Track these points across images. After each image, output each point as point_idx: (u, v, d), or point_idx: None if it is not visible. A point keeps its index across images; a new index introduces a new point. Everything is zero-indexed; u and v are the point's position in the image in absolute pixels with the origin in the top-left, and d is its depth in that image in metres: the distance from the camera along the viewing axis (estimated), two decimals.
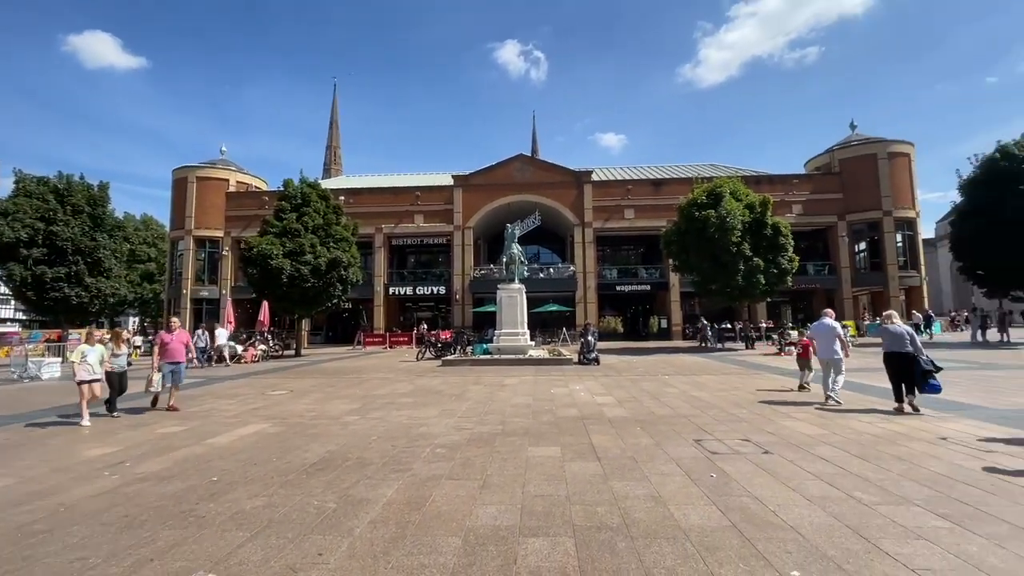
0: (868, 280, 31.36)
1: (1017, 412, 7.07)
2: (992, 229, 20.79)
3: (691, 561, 2.96)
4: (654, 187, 32.83)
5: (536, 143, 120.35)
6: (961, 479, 4.32)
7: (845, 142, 33.10)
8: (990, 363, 13.70)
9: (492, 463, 5.10)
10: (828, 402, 8.04)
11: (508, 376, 13.05)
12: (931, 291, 39.76)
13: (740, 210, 20.77)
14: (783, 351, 18.87)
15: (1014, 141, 21.40)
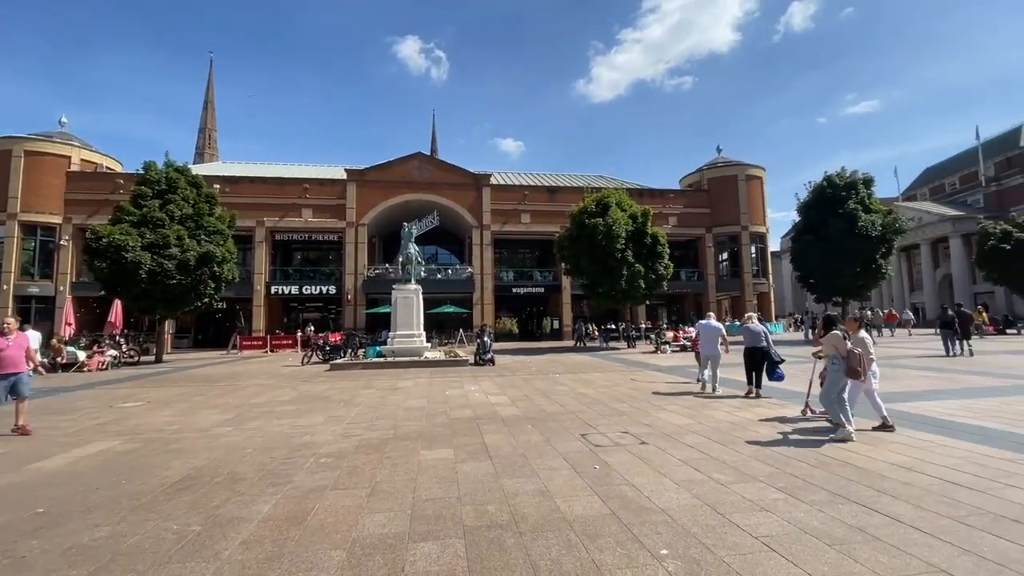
0: (729, 286, 35.61)
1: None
2: (819, 245, 24.81)
3: (575, 550, 3.12)
4: (549, 194, 34.19)
5: (435, 143, 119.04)
6: (794, 457, 5.09)
7: (712, 163, 37.32)
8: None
9: (382, 469, 4.93)
10: (705, 390, 9.29)
11: (402, 379, 12.72)
12: (776, 296, 46.37)
13: (625, 220, 22.43)
14: (659, 349, 20.71)
15: (836, 173, 25.75)
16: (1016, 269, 30.09)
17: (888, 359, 15.30)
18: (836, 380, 6.01)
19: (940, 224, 44.50)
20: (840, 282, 25.06)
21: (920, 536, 3.22)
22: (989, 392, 8.72)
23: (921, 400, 8.07)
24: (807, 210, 26.40)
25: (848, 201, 24.43)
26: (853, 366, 5.85)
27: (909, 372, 11.97)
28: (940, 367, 12.72)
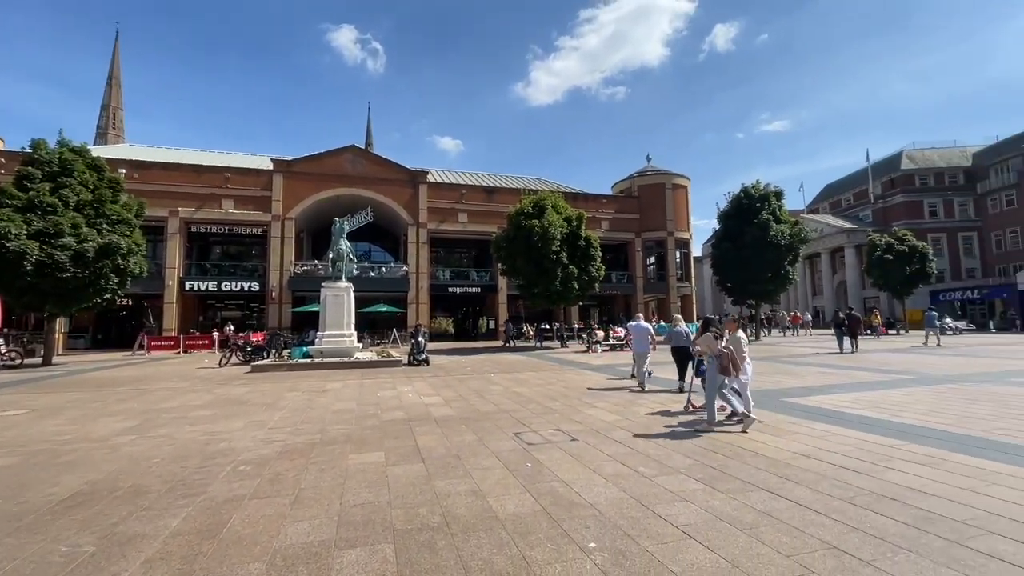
0: (656, 288, 37.46)
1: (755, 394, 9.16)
2: (737, 252, 26.74)
3: (506, 548, 3.15)
4: (487, 194, 34.25)
5: (371, 136, 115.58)
6: (712, 449, 5.44)
7: (642, 171, 39.10)
8: None
9: (307, 475, 4.71)
10: (644, 389, 9.77)
11: (331, 381, 12.22)
12: (698, 299, 49.39)
13: (560, 222, 22.95)
14: (591, 349, 21.38)
15: (751, 185, 27.86)
16: (896, 277, 34.10)
17: (792, 357, 16.77)
18: (713, 377, 6.54)
19: (837, 235, 49.44)
20: (754, 286, 27.13)
21: (816, 517, 3.56)
22: (872, 386, 9.80)
23: (819, 394, 8.92)
24: (726, 219, 28.33)
25: (762, 212, 26.50)
26: (724, 364, 6.37)
27: (809, 369, 13.19)
28: (834, 364, 14.12)
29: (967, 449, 5.21)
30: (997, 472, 4.46)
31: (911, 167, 48.78)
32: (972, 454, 5.02)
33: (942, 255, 45.33)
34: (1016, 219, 43.01)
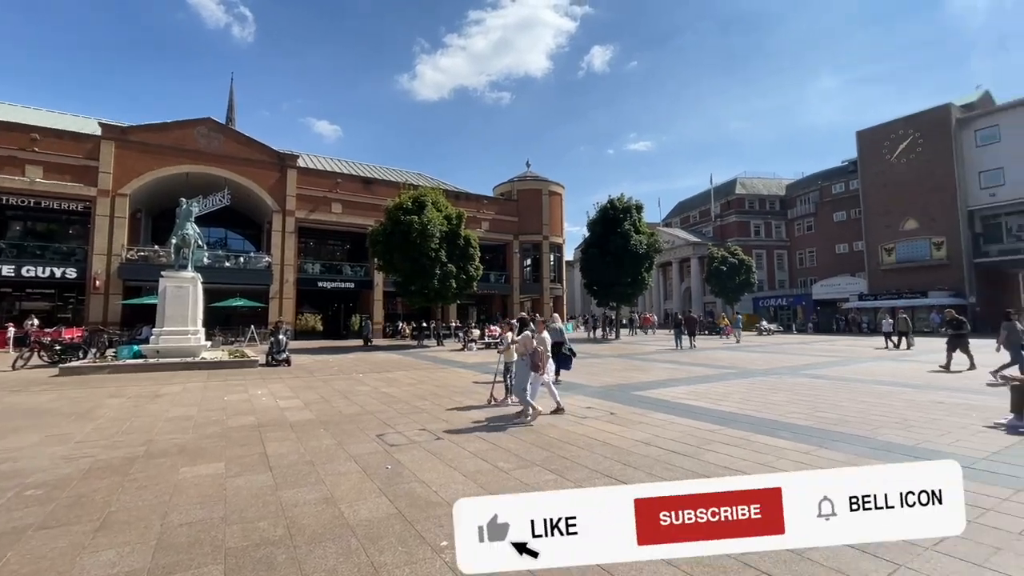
0: (531, 289, 39.08)
1: (604, 389, 9.99)
2: (602, 258, 29.01)
3: (354, 555, 3.03)
4: (365, 185, 32.73)
5: (233, 111, 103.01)
6: (568, 441, 5.82)
7: (522, 176, 40.55)
8: (596, 353, 19.01)
9: (122, 495, 4.05)
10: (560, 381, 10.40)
11: (168, 384, 10.68)
12: (568, 300, 52.72)
13: (440, 220, 22.80)
14: (466, 347, 21.58)
15: (617, 197, 30.44)
16: (728, 285, 39.86)
17: (643, 354, 18.67)
18: (524, 373, 6.95)
19: (685, 247, 56.28)
20: (616, 290, 29.67)
21: None
22: (704, 379, 11.33)
23: (662, 387, 10.04)
24: (594, 227, 30.58)
25: (624, 222, 29.10)
26: (536, 361, 6.84)
27: (656, 365, 14.80)
28: (677, 360, 16.04)
29: (767, 431, 6.25)
30: (786, 448, 5.42)
31: (743, 192, 57.37)
32: (770, 435, 6.04)
33: (762, 268, 54.00)
34: (813, 242, 52.92)
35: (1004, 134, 35.43)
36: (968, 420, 6.71)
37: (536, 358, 6.83)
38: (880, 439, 5.80)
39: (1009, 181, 34.92)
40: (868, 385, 10.22)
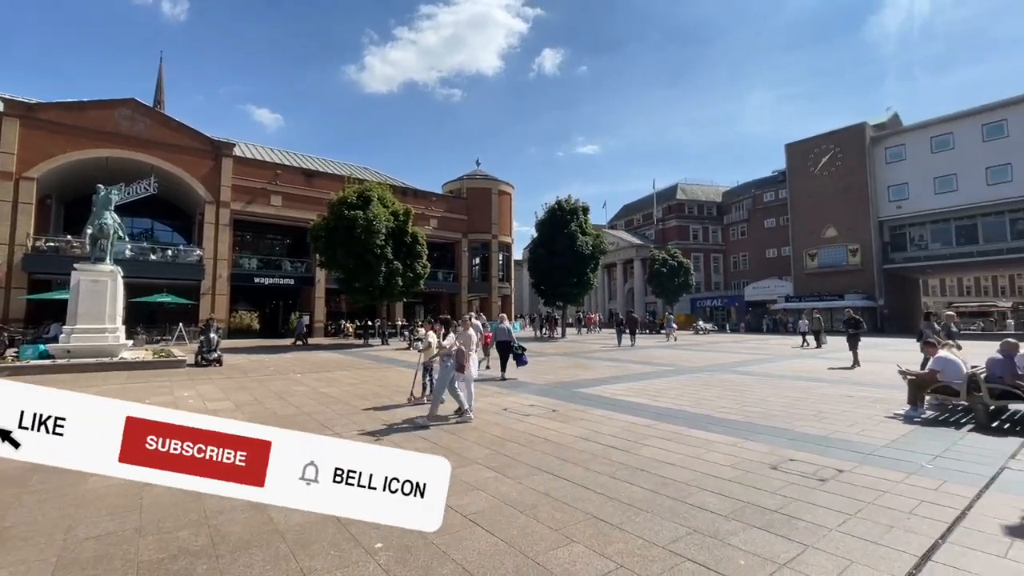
0: (479, 288, 39.05)
1: (548, 387, 10.15)
2: (550, 258, 29.47)
3: (283, 562, 2.92)
4: (306, 177, 31.47)
5: (161, 93, 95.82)
6: (510, 439, 5.86)
7: (472, 174, 40.41)
8: (541, 351, 19.28)
9: (18, 509, 3.69)
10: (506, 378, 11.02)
11: (79, 387, 9.79)
12: (516, 299, 53.15)
13: (386, 216, 22.30)
14: (412, 346, 21.25)
15: (564, 199, 31.01)
16: (668, 286, 41.59)
17: (587, 352, 19.13)
18: (447, 373, 6.76)
19: (629, 249, 58.15)
20: (563, 289, 30.22)
21: (585, 492, 4.10)
22: (644, 376, 11.76)
23: (604, 384, 10.34)
24: (542, 227, 31.00)
25: (571, 224, 29.69)
26: (460, 361, 6.75)
27: (599, 363, 15.21)
28: (619, 358, 16.56)
29: (700, 425, 6.58)
30: (715, 441, 5.73)
31: (683, 198, 60.01)
32: (702, 429, 6.36)
33: (700, 270, 56.72)
34: (745, 246, 56.22)
35: (908, 153, 39.17)
36: (872, 411, 7.37)
37: (460, 358, 6.74)
38: (798, 430, 6.25)
39: (912, 195, 38.64)
40: (789, 381, 10.99)
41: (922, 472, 4.59)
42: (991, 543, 3.18)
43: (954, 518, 3.56)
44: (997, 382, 6.45)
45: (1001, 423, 6.48)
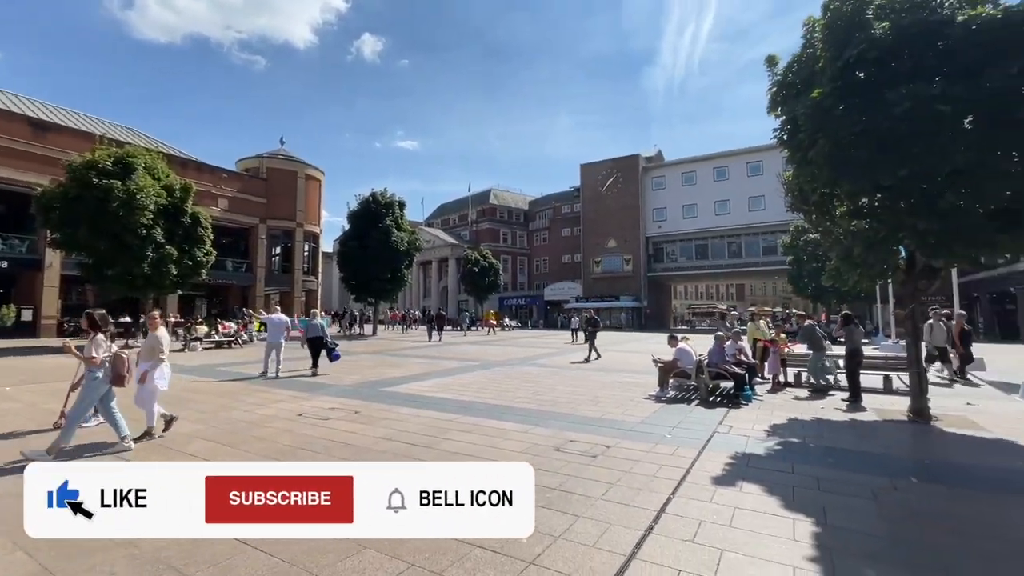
0: (279, 281, 35.16)
1: (352, 387, 9.68)
2: (362, 252, 28.22)
3: None
4: (35, 129, 24.06)
5: None
6: (302, 447, 5.39)
7: (274, 153, 36.14)
8: (348, 350, 18.31)
9: None
10: (279, 376, 10.49)
11: None
12: (324, 294, 49.48)
13: (156, 190, 18.41)
14: (188, 347, 18.07)
15: (380, 192, 30.04)
16: (480, 285, 43.74)
17: (398, 350, 18.89)
18: (91, 391, 5.03)
19: (445, 248, 59.34)
20: (375, 285, 29.23)
21: None
22: (452, 372, 12.11)
23: (413, 382, 10.31)
24: (355, 219, 29.50)
25: (387, 218, 28.92)
26: (118, 371, 5.13)
27: (410, 360, 15.14)
28: (431, 355, 16.75)
29: (497, 416, 7.03)
30: (510, 430, 6.19)
31: (495, 203, 63.75)
32: (499, 419, 6.81)
33: (508, 271, 61.00)
34: (546, 251, 62.52)
35: (668, 183, 48.61)
36: (634, 394, 8.90)
37: (117, 367, 5.11)
38: (579, 415, 7.17)
39: (669, 218, 48.05)
40: (573, 371, 12.57)
41: (664, 441, 5.71)
42: (703, 492, 4.12)
43: (681, 476, 4.50)
44: (713, 367, 8.40)
45: (716, 398, 8.47)
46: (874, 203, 6.67)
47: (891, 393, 8.78)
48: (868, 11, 6.17)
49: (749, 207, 43.69)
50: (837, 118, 6.11)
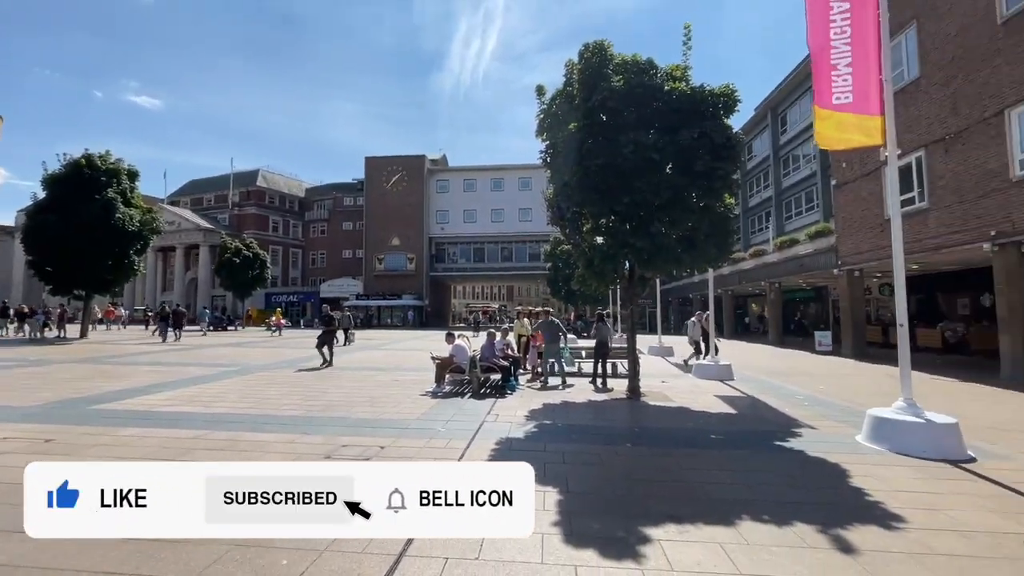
0: None
1: (44, 408, 7.31)
2: (67, 229, 21.47)
3: None
4: None
5: None
6: None
7: None
8: (43, 358, 13.76)
9: None
10: None
11: None
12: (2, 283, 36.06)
13: None
14: None
15: (101, 154, 23.31)
16: (241, 279, 38.15)
17: (120, 356, 15.10)
18: None
19: (195, 232, 49.84)
20: (87, 274, 22.60)
21: None
22: (197, 380, 10.21)
23: (141, 395, 8.32)
24: (56, 186, 22.30)
25: (109, 189, 22.65)
26: None
27: (139, 368, 12.23)
28: (168, 361, 13.81)
29: (257, 427, 6.22)
30: (271, 442, 5.54)
31: (264, 185, 56.49)
32: (259, 431, 6.04)
33: (278, 264, 54.81)
34: (324, 245, 58.34)
35: (451, 187, 50.77)
36: (412, 392, 8.98)
37: None
38: (355, 417, 6.87)
39: (451, 221, 50.23)
40: (350, 372, 12.04)
41: (438, 435, 5.91)
42: None
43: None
44: (485, 361, 9.10)
45: (486, 390, 9.17)
46: (610, 224, 8.21)
47: (618, 377, 10.93)
48: (609, 67, 7.55)
49: (520, 217, 48.86)
50: (587, 150, 7.31)
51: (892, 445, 5.33)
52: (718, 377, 11.07)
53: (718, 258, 8.36)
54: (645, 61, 7.67)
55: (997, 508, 3.83)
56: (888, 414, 5.56)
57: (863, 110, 5.97)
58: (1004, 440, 5.86)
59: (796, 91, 28.36)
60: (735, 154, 7.57)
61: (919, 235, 13.19)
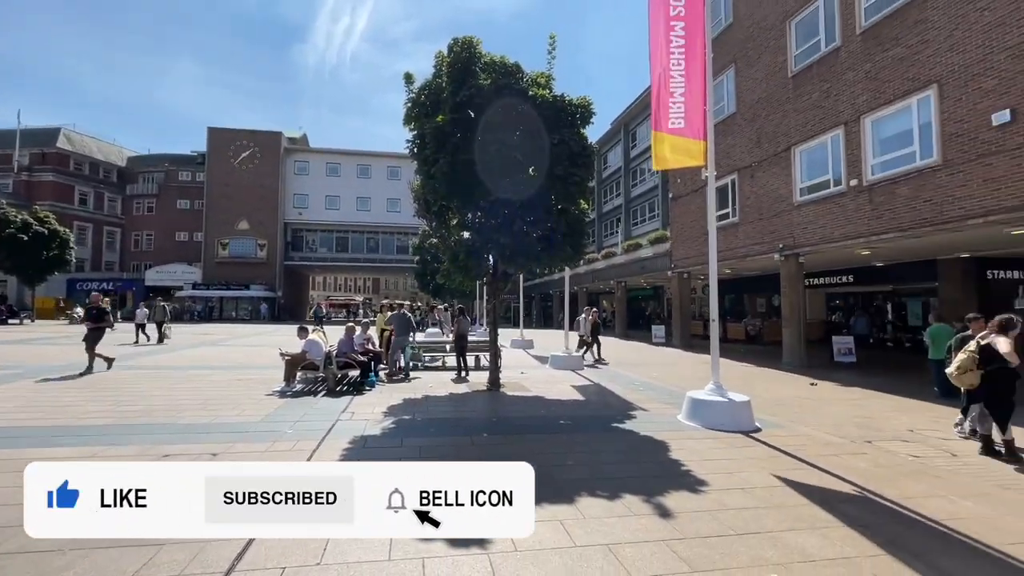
0: None
1: None
2: None
3: None
4: None
5: None
6: None
7: None
8: None
9: None
10: None
11: None
12: None
13: None
14: None
15: None
16: (30, 261, 30.87)
17: None
18: None
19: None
20: None
21: None
22: None
23: None
24: None
25: None
26: None
27: None
28: None
29: (45, 442, 5.12)
30: (66, 456, 4.60)
31: (69, 148, 46.33)
32: (46, 446, 4.97)
33: (86, 245, 45.53)
34: (152, 224, 49.89)
35: (312, 170, 46.97)
36: (256, 392, 8.15)
37: None
38: (182, 423, 6.02)
39: (311, 206, 46.51)
40: (179, 371, 10.52)
41: (284, 437, 5.45)
42: None
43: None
44: (342, 356, 8.63)
45: (343, 387, 8.71)
46: (476, 219, 8.34)
47: (480, 369, 11.18)
48: (478, 65, 7.65)
49: (387, 208, 47.10)
50: (453, 145, 7.33)
51: (704, 421, 6.29)
52: (571, 367, 11.98)
53: (573, 257, 9.01)
54: (512, 64, 7.92)
55: (771, 467, 4.76)
56: (701, 395, 6.55)
57: (692, 135, 6.93)
58: (780, 413, 7.28)
59: (645, 111, 31.75)
60: (590, 162, 8.23)
61: (731, 244, 15.72)
